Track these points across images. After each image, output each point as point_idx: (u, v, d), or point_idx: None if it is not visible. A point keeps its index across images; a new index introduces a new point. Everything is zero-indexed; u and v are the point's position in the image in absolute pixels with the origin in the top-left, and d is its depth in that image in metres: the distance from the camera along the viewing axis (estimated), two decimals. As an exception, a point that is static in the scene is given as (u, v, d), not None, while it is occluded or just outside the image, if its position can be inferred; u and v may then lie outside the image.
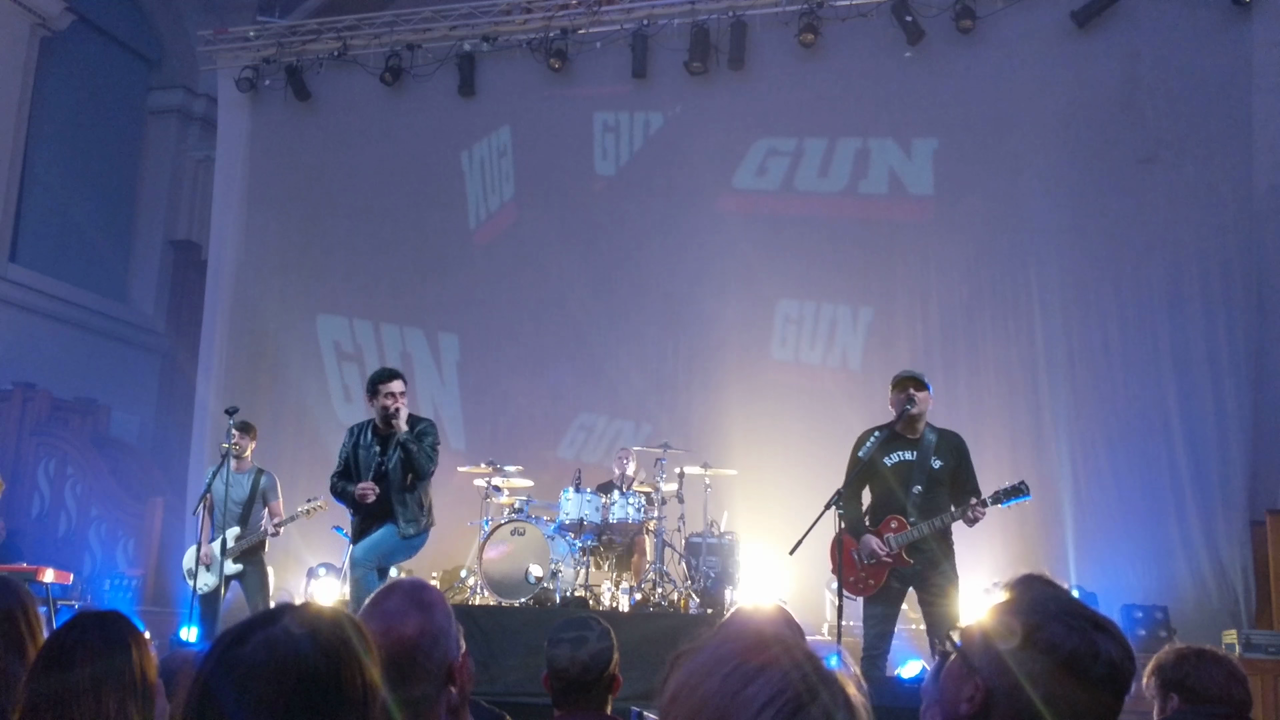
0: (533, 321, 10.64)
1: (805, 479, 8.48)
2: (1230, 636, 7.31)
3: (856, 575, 5.74)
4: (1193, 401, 8.68)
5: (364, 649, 1.30)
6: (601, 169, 10.82)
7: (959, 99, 9.70)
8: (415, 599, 2.01)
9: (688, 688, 1.10)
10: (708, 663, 1.10)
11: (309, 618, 1.30)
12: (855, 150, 10.02)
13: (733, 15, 10.18)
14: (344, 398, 11.14)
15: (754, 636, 1.12)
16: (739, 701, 1.06)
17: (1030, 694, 1.44)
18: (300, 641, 1.26)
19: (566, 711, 3.00)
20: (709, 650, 1.12)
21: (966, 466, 5.79)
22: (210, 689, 1.24)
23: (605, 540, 8.24)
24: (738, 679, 1.07)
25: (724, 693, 1.07)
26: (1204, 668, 3.02)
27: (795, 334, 9.92)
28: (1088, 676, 1.46)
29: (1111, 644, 1.49)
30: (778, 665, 1.08)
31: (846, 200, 10.05)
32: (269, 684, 1.23)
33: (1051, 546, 8.79)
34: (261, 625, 1.28)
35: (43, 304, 12.33)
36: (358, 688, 1.27)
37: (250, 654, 1.25)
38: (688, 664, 1.12)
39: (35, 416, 11.35)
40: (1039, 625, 1.48)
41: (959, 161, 9.69)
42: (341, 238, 11.35)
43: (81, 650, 2.12)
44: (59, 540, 11.05)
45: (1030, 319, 9.31)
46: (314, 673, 1.24)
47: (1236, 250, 8.79)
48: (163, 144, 14.03)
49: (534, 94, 10.87)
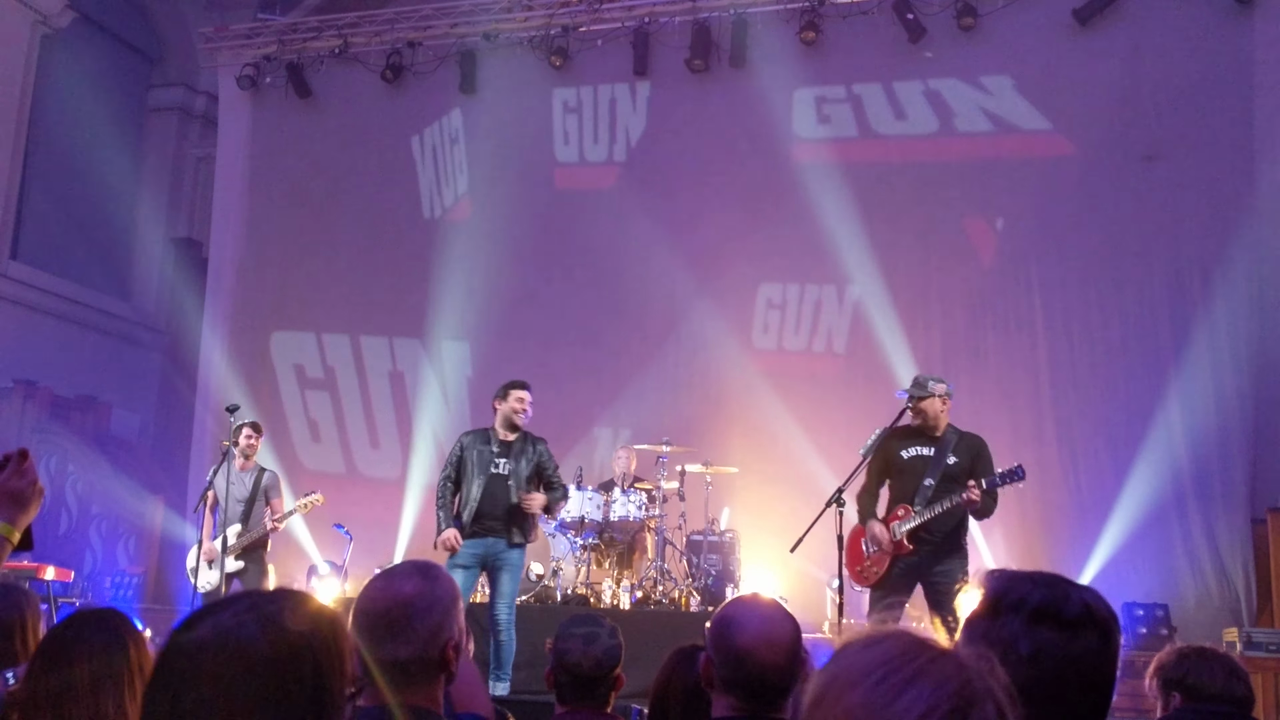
0: (533, 320, 10.63)
1: (806, 477, 8.50)
2: (1231, 634, 7.32)
3: (863, 565, 5.83)
4: (1193, 399, 8.68)
5: (324, 637, 1.25)
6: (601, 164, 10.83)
7: (960, 96, 9.69)
8: (422, 569, 2.11)
9: (830, 697, 1.02)
10: (853, 670, 1.02)
11: (261, 603, 1.25)
12: (858, 144, 10.01)
13: (734, 13, 10.17)
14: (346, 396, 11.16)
15: (904, 643, 1.04)
16: (890, 713, 0.98)
17: (1016, 655, 1.43)
18: (247, 627, 1.20)
19: (569, 708, 3.00)
20: (852, 656, 1.04)
21: (984, 467, 5.79)
22: (158, 675, 1.21)
23: (606, 538, 8.25)
24: (888, 689, 0.99)
25: (873, 705, 0.99)
26: (1205, 666, 3.02)
27: (795, 332, 9.90)
28: (1063, 619, 1.46)
29: (1084, 591, 1.50)
30: (931, 674, 1.00)
31: (845, 198, 10.03)
32: (213, 670, 1.18)
33: (1052, 545, 8.79)
34: (212, 611, 1.24)
35: (43, 301, 12.32)
36: (308, 676, 1.21)
37: (197, 639, 1.21)
38: (828, 671, 1.04)
39: (36, 414, 11.34)
40: (1006, 590, 1.50)
41: (958, 159, 9.68)
42: (342, 235, 11.34)
43: (79, 648, 2.12)
44: (60, 538, 11.05)
45: (1031, 316, 9.30)
46: (260, 659, 1.19)
47: (1238, 247, 8.78)
48: (163, 141, 14.02)
49: (534, 89, 10.88)
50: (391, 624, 1.98)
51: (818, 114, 10.09)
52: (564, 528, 8.11)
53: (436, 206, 11.22)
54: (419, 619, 2.00)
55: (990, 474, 5.73)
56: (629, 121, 10.72)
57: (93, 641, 2.14)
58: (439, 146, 11.24)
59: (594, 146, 10.87)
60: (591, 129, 10.87)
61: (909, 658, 1.02)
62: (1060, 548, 8.70)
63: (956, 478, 5.71)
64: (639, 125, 10.68)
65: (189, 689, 1.18)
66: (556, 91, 10.86)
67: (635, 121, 10.69)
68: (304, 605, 1.27)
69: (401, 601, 2.00)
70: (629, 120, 10.72)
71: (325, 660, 1.23)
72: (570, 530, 8.11)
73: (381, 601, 2.01)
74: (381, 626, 1.98)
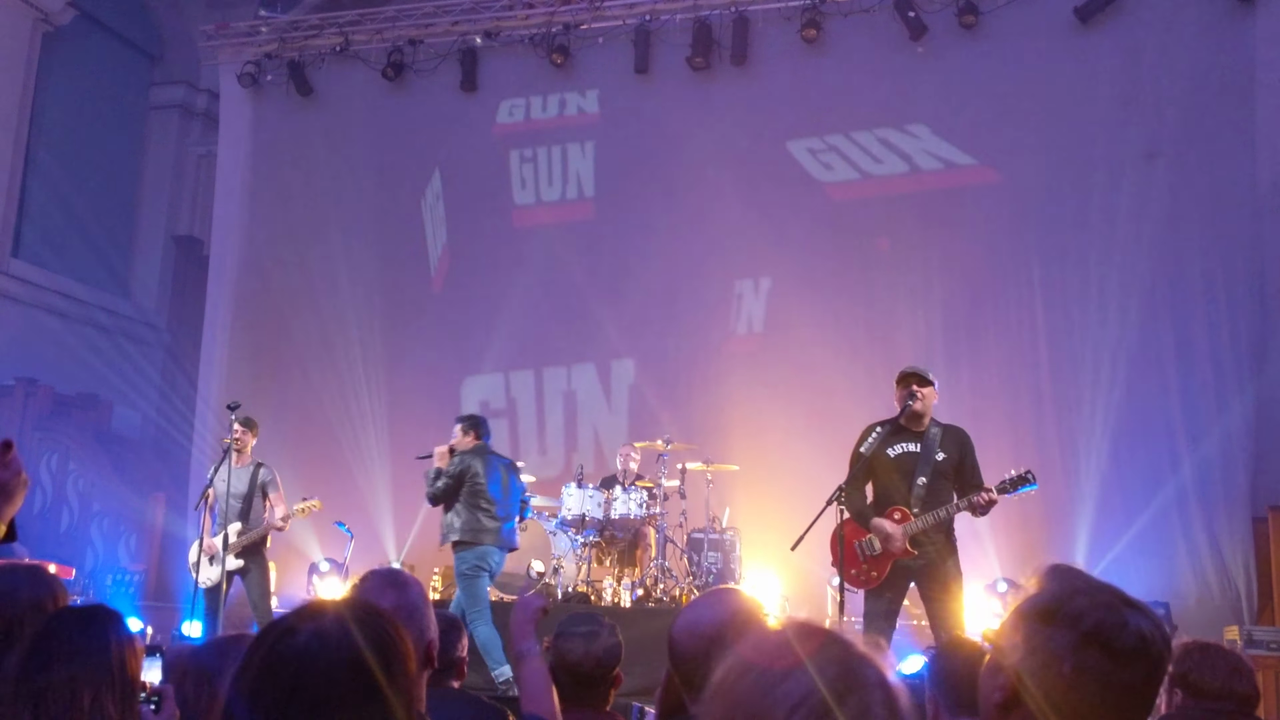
0: (535, 319, 10.63)
1: (807, 475, 8.47)
2: (1232, 632, 7.31)
3: (859, 568, 5.64)
4: (1195, 397, 8.67)
5: (405, 641, 1.37)
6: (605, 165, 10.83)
7: (961, 95, 9.69)
8: (390, 579, 2.23)
9: (724, 686, 1.07)
10: (745, 659, 1.08)
11: (355, 611, 1.35)
12: (859, 143, 10.00)
13: (735, 11, 10.16)
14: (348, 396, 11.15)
15: (791, 634, 1.08)
16: (769, 701, 1.02)
17: (1058, 670, 1.39)
18: (351, 632, 1.31)
19: (568, 706, 2.99)
20: (746, 648, 1.09)
21: (971, 459, 5.73)
22: (264, 682, 1.29)
23: (607, 536, 8.25)
24: (771, 677, 1.04)
25: (756, 692, 1.04)
26: (1208, 662, 2.99)
27: (796, 331, 9.88)
28: (1116, 648, 1.40)
29: (1142, 619, 1.43)
30: (812, 663, 1.04)
31: (847, 198, 10.03)
32: (322, 674, 1.27)
33: (1053, 542, 8.78)
34: (310, 617, 1.34)
35: (45, 299, 12.32)
36: (403, 677, 1.33)
37: (303, 645, 1.29)
38: (728, 659, 1.09)
39: (37, 412, 11.34)
40: (1064, 600, 1.44)
41: (960, 157, 9.67)
42: (343, 233, 11.34)
43: (59, 645, 2.14)
44: (61, 535, 11.06)
45: (1033, 314, 9.30)
46: (365, 663, 1.29)
47: (1239, 245, 8.77)
48: (164, 139, 14.01)
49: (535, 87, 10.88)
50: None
51: (819, 161, 10.11)
52: (565, 525, 8.10)
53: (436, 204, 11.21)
54: (413, 623, 2.11)
55: (977, 466, 5.68)
56: (629, 120, 10.72)
57: (74, 638, 2.15)
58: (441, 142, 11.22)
59: (593, 146, 10.86)
60: (593, 128, 10.87)
61: (794, 647, 1.06)
62: (1062, 545, 8.68)
63: (947, 474, 5.63)
64: (639, 124, 10.67)
65: (300, 693, 1.27)
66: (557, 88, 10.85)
67: (634, 121, 10.68)
68: (382, 611, 1.40)
69: (395, 608, 2.09)
70: (629, 119, 10.72)
71: (408, 659, 1.36)
72: (571, 528, 8.10)
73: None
74: None
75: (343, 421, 11.00)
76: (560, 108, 10.99)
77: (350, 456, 10.82)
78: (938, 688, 2.55)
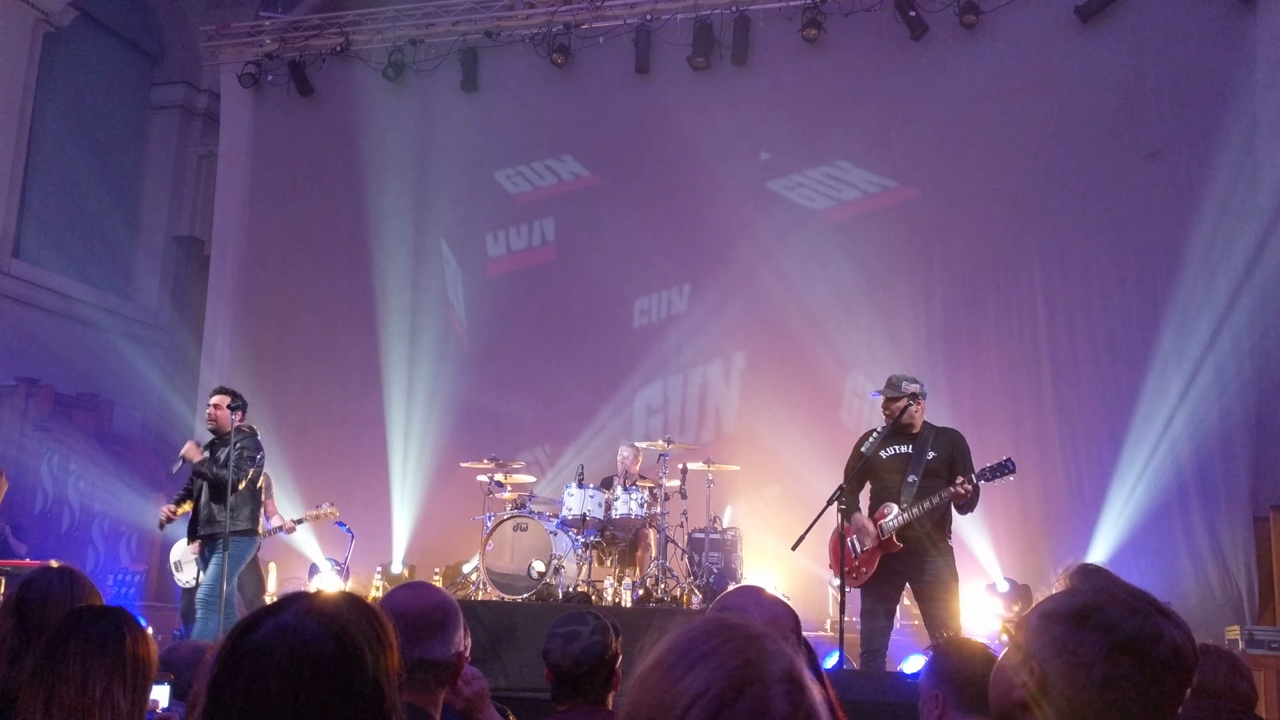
0: (535, 318, 10.63)
1: (807, 475, 8.49)
2: (1233, 632, 7.31)
3: (851, 565, 5.82)
4: (1196, 397, 8.66)
5: (377, 635, 1.31)
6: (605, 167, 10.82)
7: (962, 94, 9.68)
8: (431, 586, 2.36)
9: (636, 680, 1.09)
10: (660, 653, 1.09)
11: (319, 605, 1.31)
12: (860, 142, 10.00)
13: (736, 10, 10.16)
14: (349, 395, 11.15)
15: (710, 627, 1.09)
16: (671, 696, 1.04)
17: (1087, 676, 1.37)
18: (310, 627, 1.26)
19: (567, 706, 3.01)
20: (666, 640, 1.11)
21: (963, 459, 5.82)
22: (223, 677, 1.26)
23: (608, 536, 8.25)
24: (678, 671, 1.06)
25: (662, 686, 1.05)
26: (1207, 662, 2.99)
27: (796, 330, 9.88)
28: (1149, 659, 1.38)
29: (1175, 629, 1.42)
30: (717, 657, 1.05)
31: (847, 197, 10.03)
32: (281, 671, 1.24)
33: (1054, 542, 8.79)
34: (273, 612, 1.30)
35: (46, 299, 12.32)
36: (370, 673, 1.28)
37: (261, 640, 1.26)
38: (649, 653, 1.11)
39: (38, 412, 11.34)
40: (1099, 605, 1.41)
41: (962, 156, 9.67)
42: (343, 233, 11.34)
43: (75, 637, 2.28)
44: (62, 536, 11.06)
45: (1033, 314, 9.30)
46: (326, 658, 1.25)
47: (1240, 244, 8.76)
48: (165, 139, 14.01)
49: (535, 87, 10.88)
50: (431, 625, 2.17)
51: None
52: (566, 525, 8.10)
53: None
54: (452, 623, 2.22)
55: (970, 465, 5.77)
56: (629, 121, 10.72)
57: (88, 634, 2.29)
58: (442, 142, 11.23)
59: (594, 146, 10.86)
60: (592, 129, 10.87)
61: (703, 641, 1.07)
62: (1062, 544, 8.69)
63: (938, 472, 5.75)
64: (637, 125, 10.67)
65: (258, 689, 1.24)
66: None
67: (632, 120, 10.69)
68: (358, 605, 1.34)
69: (439, 604, 2.21)
70: (629, 120, 10.72)
71: (383, 657, 1.30)
72: (572, 528, 8.10)
73: (418, 605, 2.19)
74: (421, 626, 2.15)
75: (343, 421, 11.01)
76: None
77: (350, 456, 10.83)
78: (946, 684, 2.51)
